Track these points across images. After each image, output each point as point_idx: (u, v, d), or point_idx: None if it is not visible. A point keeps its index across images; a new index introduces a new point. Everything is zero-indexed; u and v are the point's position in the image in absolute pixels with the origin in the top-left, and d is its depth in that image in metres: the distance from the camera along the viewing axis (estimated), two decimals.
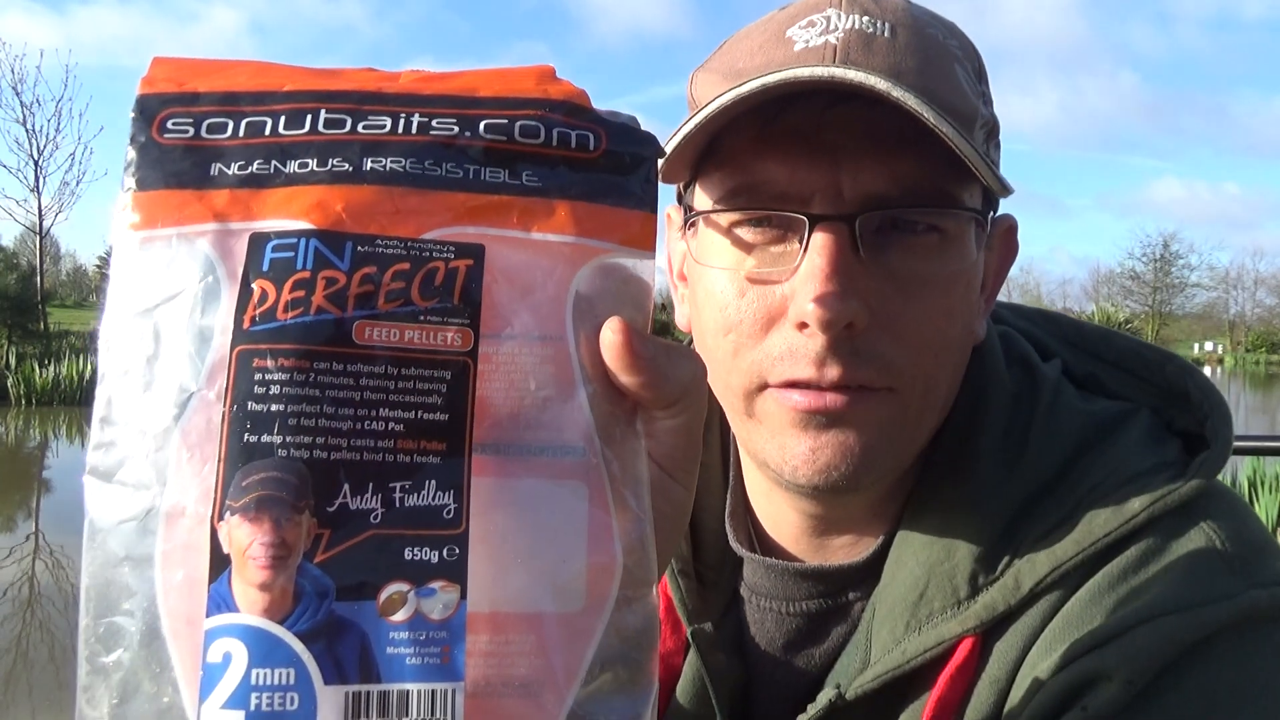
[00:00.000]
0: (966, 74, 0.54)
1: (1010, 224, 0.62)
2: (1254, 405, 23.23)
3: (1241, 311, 59.90)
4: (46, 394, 14.87)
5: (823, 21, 0.52)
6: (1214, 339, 57.13)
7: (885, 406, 0.53)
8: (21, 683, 3.84)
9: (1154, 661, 0.48)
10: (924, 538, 0.56)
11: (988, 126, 0.55)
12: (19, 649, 4.27)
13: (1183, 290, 56.72)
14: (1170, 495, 0.52)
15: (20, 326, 17.83)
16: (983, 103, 0.55)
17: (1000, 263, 0.61)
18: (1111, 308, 49.76)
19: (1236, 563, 0.51)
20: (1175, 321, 56.45)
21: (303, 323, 0.31)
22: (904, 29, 0.53)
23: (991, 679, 0.53)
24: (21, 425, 12.98)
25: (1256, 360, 52.37)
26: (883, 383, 0.53)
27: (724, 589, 0.65)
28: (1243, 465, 6.63)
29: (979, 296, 0.58)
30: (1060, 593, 0.52)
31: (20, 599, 5.08)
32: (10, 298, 17.47)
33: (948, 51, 0.54)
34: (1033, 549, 0.53)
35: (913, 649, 0.53)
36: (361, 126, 0.34)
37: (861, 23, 0.52)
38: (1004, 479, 0.56)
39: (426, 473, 0.31)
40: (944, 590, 0.54)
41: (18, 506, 7.82)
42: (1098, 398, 0.61)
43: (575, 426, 0.33)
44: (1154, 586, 0.50)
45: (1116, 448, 0.56)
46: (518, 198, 0.34)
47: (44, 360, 15.66)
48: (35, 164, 22.71)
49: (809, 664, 0.61)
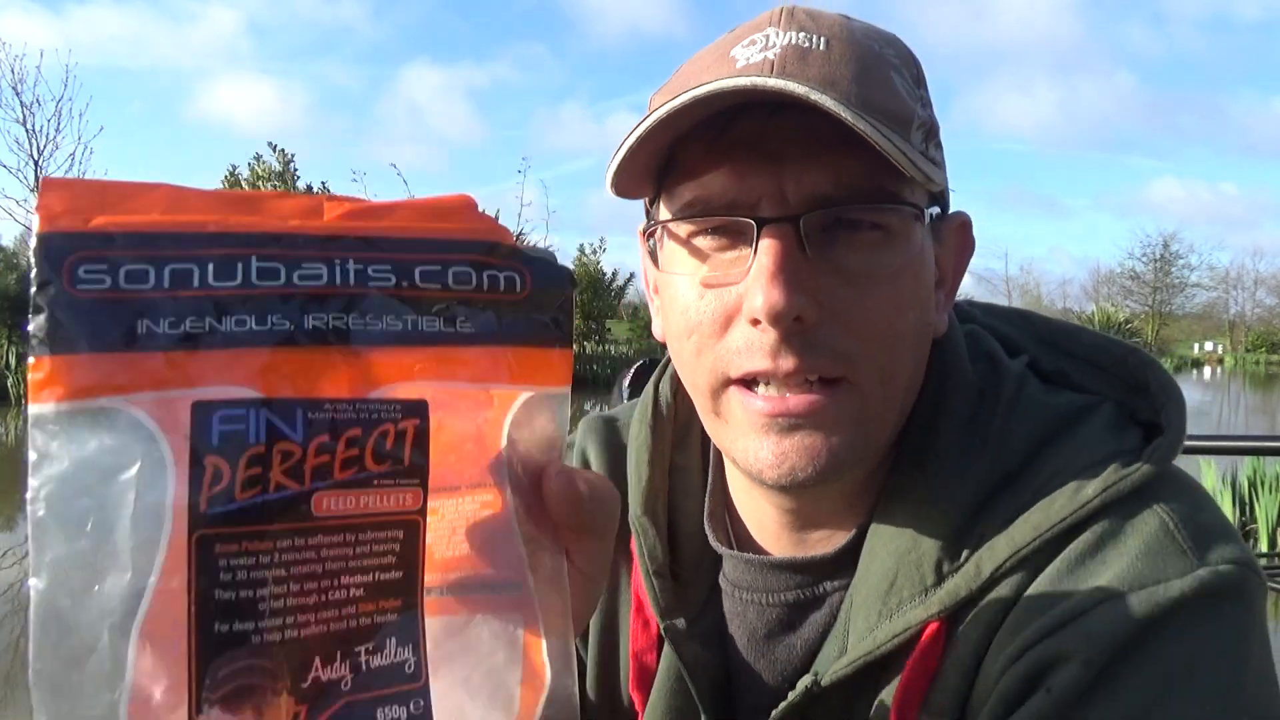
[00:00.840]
0: (904, 80, 0.57)
1: (963, 220, 0.64)
2: (1254, 405, 23.22)
3: (1241, 311, 59.89)
4: None
5: (762, 40, 0.56)
6: (1214, 339, 57.13)
7: (846, 403, 0.56)
8: (21, 683, 3.83)
9: (1111, 641, 0.50)
10: (894, 529, 0.59)
11: (925, 127, 0.58)
12: (19, 649, 4.27)
13: (1183, 290, 56.73)
14: (1124, 480, 0.55)
15: (20, 326, 17.85)
16: (920, 105, 0.58)
17: (957, 258, 0.64)
18: (1111, 308, 49.75)
19: (1188, 543, 0.53)
20: (1175, 321, 56.45)
21: (262, 502, 0.30)
22: (839, 42, 0.56)
23: (956, 661, 0.55)
24: (21, 425, 12.98)
25: (1256, 360, 52.38)
26: (837, 372, 0.55)
27: (700, 586, 0.68)
28: (1243, 465, 6.63)
29: (931, 290, 0.60)
30: (1020, 577, 0.55)
31: (20, 599, 5.08)
32: (10, 298, 17.48)
33: (884, 60, 0.57)
34: (994, 536, 0.56)
35: (883, 635, 0.56)
36: (297, 277, 0.32)
37: (798, 38, 0.55)
38: (967, 470, 0.58)
39: (386, 631, 0.32)
40: (912, 579, 0.57)
41: (18, 507, 7.82)
42: (1065, 391, 0.63)
43: (511, 564, 0.36)
44: (1109, 568, 0.53)
45: (1077, 438, 0.59)
46: (454, 347, 0.34)
47: None
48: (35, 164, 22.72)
49: (790, 653, 0.64)
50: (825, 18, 0.58)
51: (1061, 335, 0.67)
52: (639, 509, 0.69)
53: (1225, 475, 6.60)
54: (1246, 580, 0.52)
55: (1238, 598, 0.52)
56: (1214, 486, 6.57)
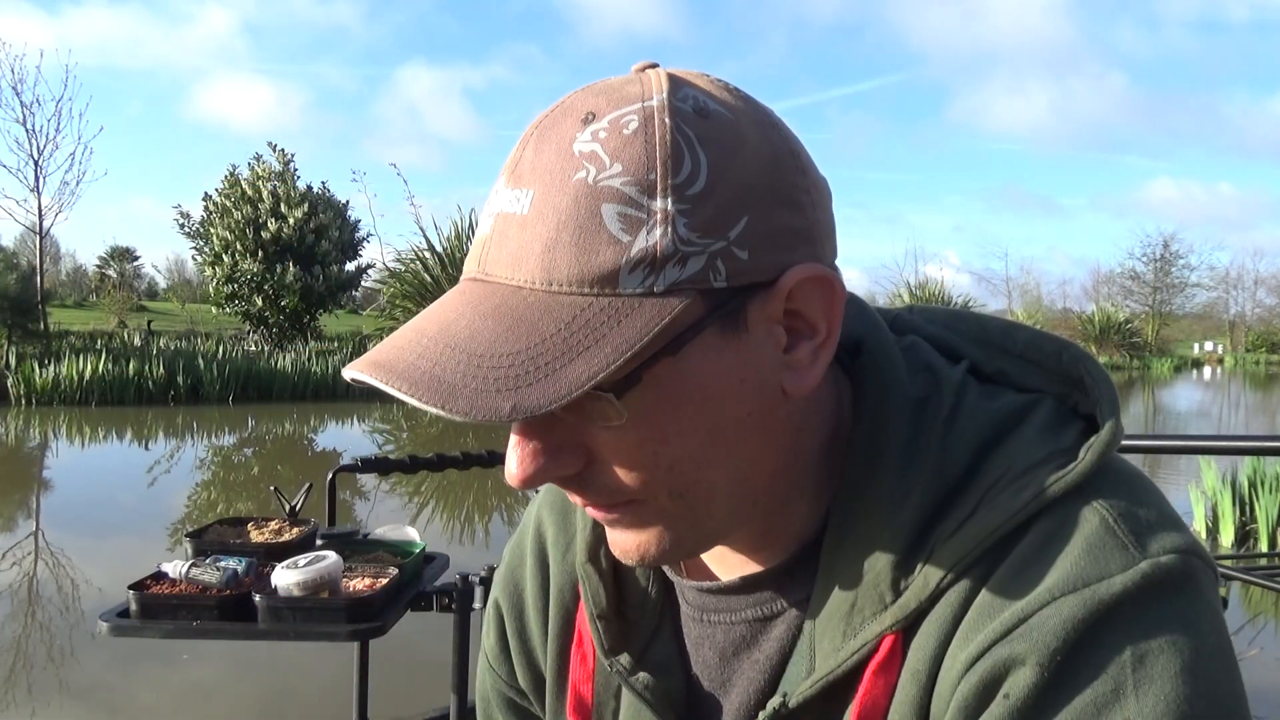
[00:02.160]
0: (625, 204, 0.51)
1: (808, 275, 0.55)
2: (1254, 405, 23.23)
3: (1241, 311, 59.88)
4: (46, 394, 14.88)
5: (494, 198, 0.54)
6: (1214, 339, 57.09)
7: (644, 516, 0.56)
8: (21, 683, 3.84)
9: (1059, 642, 0.50)
10: (851, 552, 0.59)
11: (650, 255, 0.51)
12: (19, 649, 4.27)
13: (1183, 290, 56.69)
14: (1059, 481, 0.55)
15: (20, 326, 17.81)
16: (645, 231, 0.51)
17: (824, 305, 0.57)
18: (1111, 308, 49.72)
19: (1128, 537, 0.53)
20: (1175, 321, 56.41)
21: None
22: (541, 191, 0.51)
23: (912, 671, 0.56)
24: (21, 425, 12.98)
25: (1256, 360, 52.37)
26: (621, 500, 0.56)
27: (649, 619, 0.69)
28: (1243, 465, 6.63)
29: (746, 379, 0.55)
30: (969, 584, 0.55)
31: (20, 599, 5.08)
32: (10, 298, 17.45)
33: (593, 194, 0.50)
34: (941, 547, 0.56)
35: (844, 653, 0.57)
36: None
37: (510, 198, 0.52)
38: (913, 487, 0.59)
39: None
40: (872, 598, 0.57)
41: (18, 506, 7.83)
42: (1007, 391, 0.63)
43: None
44: (1052, 570, 0.53)
45: (1016, 441, 0.59)
46: None
47: (44, 360, 15.66)
48: (35, 164, 22.68)
49: (755, 670, 0.64)
50: (546, 149, 0.52)
51: (998, 334, 0.67)
52: (583, 556, 0.70)
53: (1225, 475, 6.60)
54: (1190, 567, 0.53)
55: (1182, 586, 0.52)
56: (1214, 486, 6.57)
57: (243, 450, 11.35)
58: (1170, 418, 18.65)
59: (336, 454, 11.00)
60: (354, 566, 1.92)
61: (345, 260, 23.65)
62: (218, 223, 22.24)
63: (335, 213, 23.35)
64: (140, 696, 3.76)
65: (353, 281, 24.19)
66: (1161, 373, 40.60)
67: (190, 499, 7.81)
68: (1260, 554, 5.76)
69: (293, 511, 2.20)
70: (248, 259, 21.90)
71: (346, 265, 23.73)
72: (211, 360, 16.73)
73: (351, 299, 26.62)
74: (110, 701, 3.69)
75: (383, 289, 23.54)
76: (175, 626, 1.72)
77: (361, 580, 1.85)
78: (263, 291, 22.08)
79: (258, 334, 22.68)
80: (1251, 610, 4.97)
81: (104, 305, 29.56)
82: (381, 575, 1.88)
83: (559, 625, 0.74)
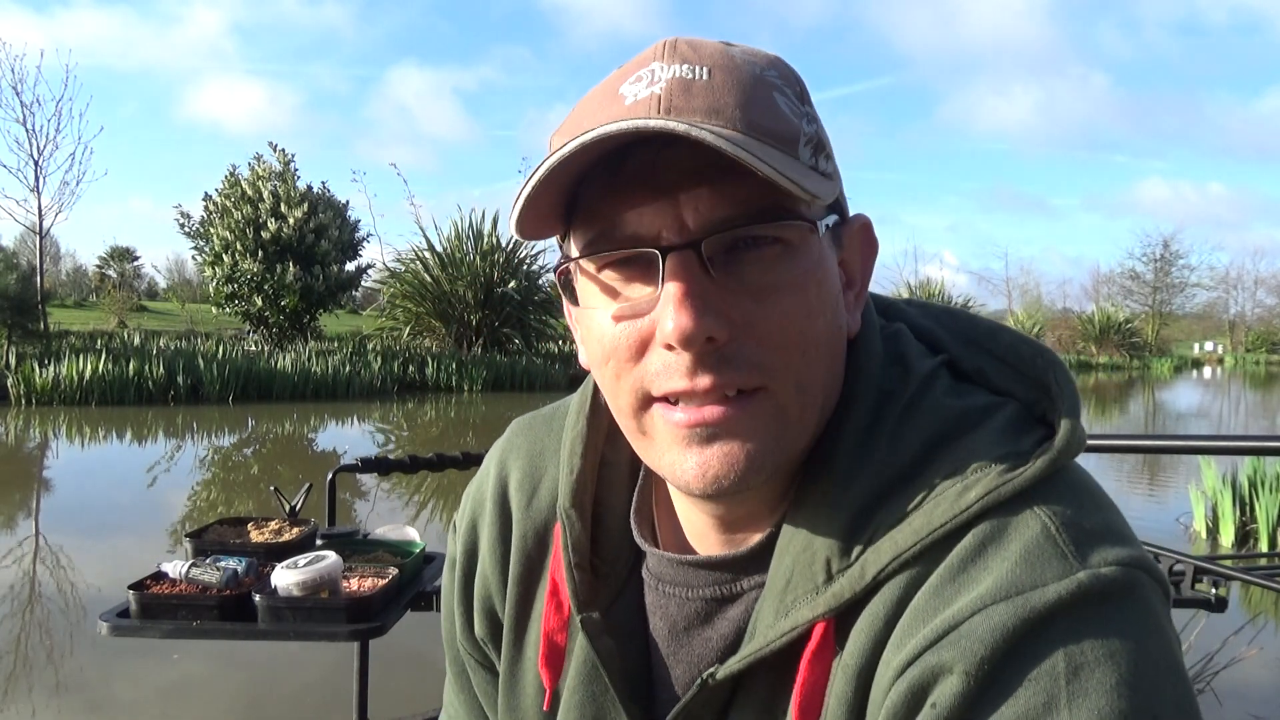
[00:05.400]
0: (788, 99, 0.59)
1: (863, 222, 0.67)
2: (1254, 405, 23.20)
3: (1241, 311, 59.87)
4: (46, 394, 14.86)
5: (648, 75, 0.58)
6: (1214, 339, 57.07)
7: (762, 410, 0.58)
8: (21, 683, 3.83)
9: (989, 651, 0.50)
10: (798, 531, 0.60)
11: (813, 142, 0.60)
12: (19, 649, 4.27)
13: (1183, 290, 56.68)
14: (1005, 485, 0.55)
15: (20, 326, 17.78)
16: (806, 121, 0.60)
17: (863, 259, 0.67)
18: (1111, 307, 49.68)
19: (1069, 546, 0.53)
20: (1175, 321, 56.39)
21: None
22: (720, 70, 0.58)
23: (845, 666, 0.56)
24: (21, 425, 12.97)
25: (1256, 360, 52.33)
26: (755, 383, 0.58)
27: (616, 579, 0.70)
28: (1243, 465, 6.62)
29: (839, 294, 0.63)
30: (905, 581, 0.55)
31: (20, 599, 5.08)
32: (10, 298, 17.42)
33: (766, 82, 0.59)
34: (881, 539, 0.57)
35: (774, 633, 0.58)
36: None
37: (682, 70, 0.58)
38: (859, 473, 0.60)
39: None
40: (805, 578, 0.58)
41: (18, 506, 7.82)
42: (978, 390, 0.64)
43: None
44: (987, 575, 0.52)
45: (973, 439, 0.59)
46: None
47: (44, 360, 15.64)
48: (35, 164, 22.66)
49: (706, 647, 0.66)
50: (706, 47, 0.60)
51: (984, 334, 0.68)
52: (567, 501, 0.71)
53: (1225, 475, 6.59)
54: (1132, 579, 0.52)
55: (1123, 598, 0.51)
56: (1214, 486, 6.56)
57: (243, 450, 11.34)
58: (1170, 418, 18.64)
59: (336, 454, 10.99)
60: (354, 566, 1.93)
61: (345, 260, 23.62)
62: (218, 223, 22.21)
63: (335, 213, 23.32)
64: (140, 696, 3.76)
65: (353, 281, 24.17)
66: (1161, 373, 40.57)
67: (190, 499, 7.80)
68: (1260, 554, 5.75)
69: (293, 511, 2.20)
70: (248, 259, 21.87)
71: (346, 265, 23.71)
72: (211, 360, 16.70)
73: (351, 299, 26.61)
74: (110, 701, 3.69)
75: (383, 289, 23.58)
76: (175, 626, 1.72)
77: (361, 580, 1.86)
78: (263, 291, 22.06)
79: (258, 334, 22.66)
80: (1251, 610, 4.96)
81: (104, 305, 29.59)
82: (381, 575, 1.88)
83: (519, 572, 0.74)
